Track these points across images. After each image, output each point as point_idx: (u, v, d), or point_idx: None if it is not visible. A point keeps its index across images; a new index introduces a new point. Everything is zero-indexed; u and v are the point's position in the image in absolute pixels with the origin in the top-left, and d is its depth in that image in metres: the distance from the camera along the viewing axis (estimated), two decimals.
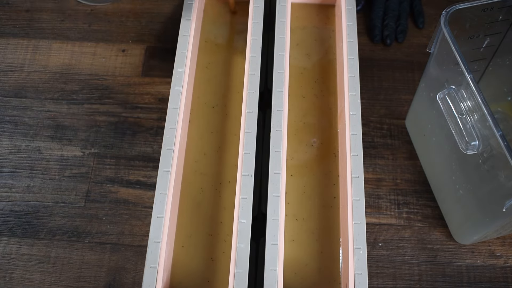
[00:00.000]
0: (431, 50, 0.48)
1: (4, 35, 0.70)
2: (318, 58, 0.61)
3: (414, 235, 0.56)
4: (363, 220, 0.47)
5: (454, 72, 0.45)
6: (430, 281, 0.54)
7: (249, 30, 0.57)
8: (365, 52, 0.67)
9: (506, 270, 0.55)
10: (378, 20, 0.67)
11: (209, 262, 0.49)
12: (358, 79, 0.55)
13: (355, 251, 0.46)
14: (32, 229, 0.57)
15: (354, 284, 0.44)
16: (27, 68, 0.67)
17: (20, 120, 0.64)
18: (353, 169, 0.50)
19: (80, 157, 0.61)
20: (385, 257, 0.55)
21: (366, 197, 0.57)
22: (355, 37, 0.57)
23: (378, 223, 0.57)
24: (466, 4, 0.46)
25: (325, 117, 0.57)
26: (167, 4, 0.72)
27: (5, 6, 0.73)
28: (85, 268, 0.55)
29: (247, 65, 0.54)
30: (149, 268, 0.45)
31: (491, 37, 0.51)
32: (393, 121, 0.63)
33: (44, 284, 0.54)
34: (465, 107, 0.45)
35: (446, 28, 0.45)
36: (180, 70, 0.54)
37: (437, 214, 0.57)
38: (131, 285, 0.54)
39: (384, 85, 0.65)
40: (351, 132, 0.51)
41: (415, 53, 0.68)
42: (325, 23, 0.64)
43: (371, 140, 0.61)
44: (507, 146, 0.39)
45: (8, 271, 0.55)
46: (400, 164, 0.60)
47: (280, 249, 0.46)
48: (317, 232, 0.51)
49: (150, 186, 0.59)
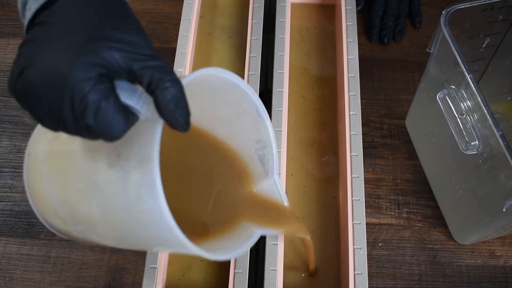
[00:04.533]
0: (431, 50, 0.48)
1: (4, 35, 0.70)
2: (318, 58, 0.61)
3: (414, 235, 0.56)
4: (363, 220, 0.47)
5: (454, 72, 0.45)
6: (430, 281, 0.54)
7: (249, 30, 0.57)
8: (365, 52, 0.67)
9: (506, 270, 0.55)
10: (377, 19, 0.67)
11: (209, 261, 0.49)
12: (358, 79, 0.55)
13: (355, 251, 0.46)
14: (32, 229, 0.57)
15: (354, 284, 0.44)
16: None
17: (20, 120, 0.64)
18: (353, 169, 0.50)
19: None
20: (385, 257, 0.55)
21: (366, 197, 0.57)
22: (355, 37, 0.57)
23: (378, 223, 0.57)
24: (466, 4, 0.46)
25: (325, 117, 0.57)
26: (167, 4, 0.72)
27: (5, 6, 0.73)
28: (85, 268, 0.55)
29: (247, 65, 0.54)
30: (149, 268, 0.45)
31: (491, 37, 0.51)
32: (393, 121, 0.63)
33: (44, 284, 0.54)
34: (465, 107, 0.45)
35: (446, 28, 0.45)
36: (180, 70, 0.54)
37: (437, 214, 0.57)
38: (131, 285, 0.54)
39: (384, 85, 0.65)
40: (351, 132, 0.52)
41: (415, 53, 0.68)
42: (325, 23, 0.64)
43: (371, 140, 0.61)
44: (507, 146, 0.39)
45: (8, 271, 0.55)
46: (400, 164, 0.60)
47: (280, 249, 0.46)
48: (317, 232, 0.51)
49: None
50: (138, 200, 0.28)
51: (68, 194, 0.33)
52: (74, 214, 0.33)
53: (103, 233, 0.33)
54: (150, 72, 0.28)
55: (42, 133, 0.35)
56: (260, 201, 0.39)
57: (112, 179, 0.29)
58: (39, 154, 0.35)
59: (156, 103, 0.28)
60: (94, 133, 0.28)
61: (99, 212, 0.31)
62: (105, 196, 0.30)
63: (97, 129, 0.27)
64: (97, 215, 0.31)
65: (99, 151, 0.30)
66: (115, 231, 0.32)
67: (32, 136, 0.36)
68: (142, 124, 0.29)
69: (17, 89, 0.28)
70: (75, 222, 0.33)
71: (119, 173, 0.29)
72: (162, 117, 0.28)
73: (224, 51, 0.61)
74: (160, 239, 0.30)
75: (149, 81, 0.28)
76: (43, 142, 0.35)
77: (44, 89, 0.27)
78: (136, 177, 0.28)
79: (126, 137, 0.28)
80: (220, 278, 0.48)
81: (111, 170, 0.30)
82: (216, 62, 0.60)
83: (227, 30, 0.62)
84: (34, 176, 0.35)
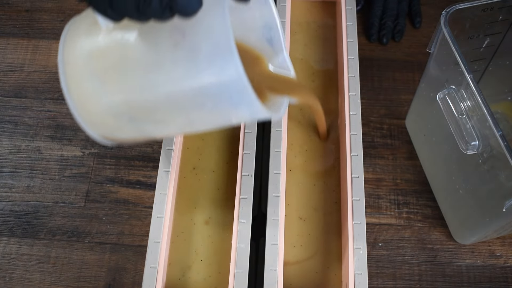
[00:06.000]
0: (431, 50, 0.48)
1: (4, 35, 0.70)
2: (318, 57, 0.61)
3: (414, 235, 0.56)
4: (363, 220, 0.47)
5: (454, 72, 0.45)
6: (430, 281, 0.54)
7: None
8: (365, 52, 0.67)
9: (506, 270, 0.55)
10: (376, 19, 0.67)
11: (209, 262, 0.49)
12: (358, 79, 0.55)
13: (355, 251, 0.46)
14: (32, 229, 0.57)
15: (354, 284, 0.44)
16: (27, 68, 0.67)
17: (20, 120, 0.64)
18: (353, 169, 0.50)
19: (80, 157, 0.61)
20: (385, 257, 0.55)
21: (366, 197, 0.57)
22: (355, 37, 0.57)
23: (378, 223, 0.57)
24: (466, 4, 0.46)
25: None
26: None
27: (5, 6, 0.73)
28: (85, 268, 0.55)
29: None
30: (149, 268, 0.45)
31: (491, 37, 0.51)
32: (393, 121, 0.63)
33: (44, 284, 0.54)
34: (465, 107, 0.45)
35: (446, 28, 0.45)
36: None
37: (437, 214, 0.57)
38: (131, 285, 0.54)
39: (384, 85, 0.65)
40: (351, 132, 0.51)
41: (415, 53, 0.68)
42: (325, 21, 0.64)
43: (371, 140, 0.61)
44: (507, 146, 0.39)
45: (8, 271, 0.55)
46: (400, 164, 0.60)
47: (280, 249, 0.46)
48: (317, 231, 0.51)
49: (150, 186, 0.59)
50: (210, 70, 0.30)
51: (125, 85, 0.34)
52: (132, 104, 0.34)
53: (165, 119, 0.34)
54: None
55: (77, 36, 0.36)
56: (274, 76, 0.43)
57: (179, 57, 0.31)
58: (79, 56, 0.35)
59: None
60: (179, 9, 0.28)
61: (164, 94, 0.32)
62: (172, 74, 0.32)
63: (181, 4, 0.28)
64: (162, 98, 0.33)
65: (159, 34, 0.32)
66: (180, 113, 0.34)
67: (62, 43, 0.36)
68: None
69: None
70: (131, 116, 0.35)
71: (186, 49, 0.31)
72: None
73: None
74: (229, 106, 0.32)
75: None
76: (83, 44, 0.35)
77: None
78: (208, 49, 0.30)
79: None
80: (220, 278, 0.48)
81: (177, 48, 0.31)
82: None
83: None
84: (76, 79, 0.35)
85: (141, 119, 0.35)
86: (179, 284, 0.48)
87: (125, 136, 0.38)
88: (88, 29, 0.34)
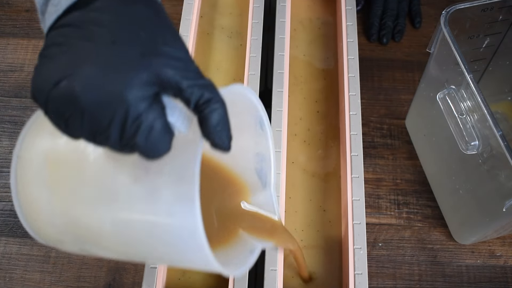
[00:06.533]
0: (431, 50, 0.48)
1: (4, 35, 0.70)
2: (318, 57, 0.61)
3: (414, 235, 0.56)
4: (363, 220, 0.47)
5: (454, 72, 0.45)
6: (430, 281, 0.54)
7: (249, 30, 0.57)
8: (365, 52, 0.67)
9: (506, 270, 0.55)
10: (376, 19, 0.67)
11: None
12: (358, 79, 0.55)
13: (355, 251, 0.46)
14: None
15: (354, 284, 0.44)
16: (27, 68, 0.67)
17: (20, 120, 0.64)
18: (353, 169, 0.50)
19: None
20: (385, 257, 0.55)
21: (366, 197, 0.57)
22: (355, 37, 0.57)
23: (378, 223, 0.57)
24: (466, 4, 0.46)
25: (325, 117, 0.57)
26: (167, 4, 0.72)
27: (5, 6, 0.73)
28: (85, 268, 0.55)
29: (247, 65, 0.54)
30: (149, 268, 0.45)
31: (491, 37, 0.51)
32: (393, 121, 0.63)
33: (44, 284, 0.54)
34: (465, 107, 0.45)
35: (446, 28, 0.45)
36: None
37: (437, 214, 0.57)
38: (131, 285, 0.54)
39: (384, 85, 0.65)
40: (351, 132, 0.52)
41: (415, 53, 0.68)
42: (325, 20, 0.64)
43: (371, 140, 0.61)
44: (507, 146, 0.39)
45: (8, 271, 0.55)
46: (400, 164, 0.60)
47: (280, 249, 0.46)
48: (317, 232, 0.51)
49: None
50: (167, 218, 0.27)
51: (73, 205, 0.31)
52: (77, 225, 0.31)
53: (109, 247, 0.31)
54: (199, 91, 0.27)
55: (40, 133, 0.33)
56: (253, 215, 0.39)
57: (137, 194, 0.28)
58: (35, 157, 0.32)
59: (203, 124, 0.27)
60: (140, 151, 0.26)
61: (111, 226, 0.29)
62: (124, 211, 0.29)
63: (144, 148, 0.26)
64: (108, 229, 0.30)
65: (123, 162, 0.29)
66: (125, 246, 0.31)
67: (23, 136, 0.34)
68: (176, 141, 0.27)
69: (53, 96, 0.26)
70: (75, 235, 0.32)
71: (146, 188, 0.28)
72: (207, 137, 0.27)
73: (224, 51, 0.61)
74: (180, 255, 0.29)
75: (198, 100, 0.27)
76: (42, 143, 0.32)
77: (92, 104, 0.25)
78: (169, 196, 0.27)
79: None
80: (220, 278, 0.48)
81: (136, 185, 0.28)
82: (216, 62, 0.60)
83: (227, 30, 0.62)
84: (26, 181, 0.33)
85: (85, 242, 0.32)
86: (179, 284, 0.48)
87: (70, 251, 0.34)
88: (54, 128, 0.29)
